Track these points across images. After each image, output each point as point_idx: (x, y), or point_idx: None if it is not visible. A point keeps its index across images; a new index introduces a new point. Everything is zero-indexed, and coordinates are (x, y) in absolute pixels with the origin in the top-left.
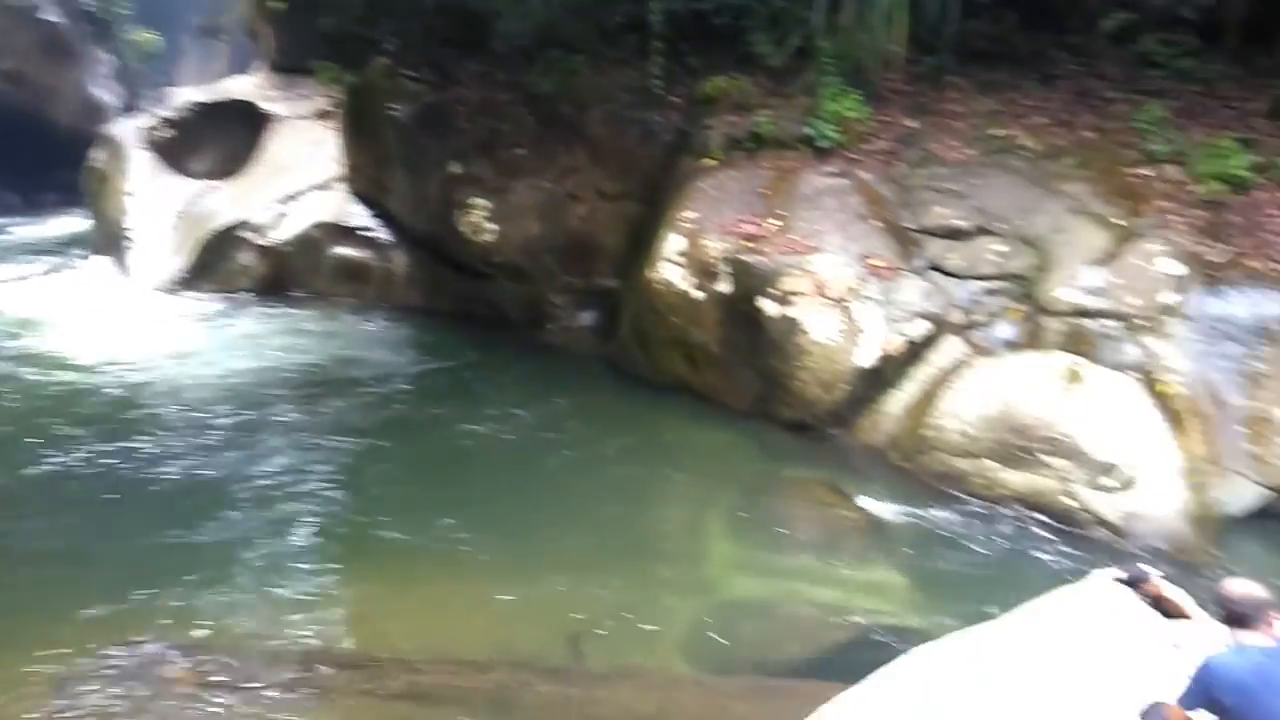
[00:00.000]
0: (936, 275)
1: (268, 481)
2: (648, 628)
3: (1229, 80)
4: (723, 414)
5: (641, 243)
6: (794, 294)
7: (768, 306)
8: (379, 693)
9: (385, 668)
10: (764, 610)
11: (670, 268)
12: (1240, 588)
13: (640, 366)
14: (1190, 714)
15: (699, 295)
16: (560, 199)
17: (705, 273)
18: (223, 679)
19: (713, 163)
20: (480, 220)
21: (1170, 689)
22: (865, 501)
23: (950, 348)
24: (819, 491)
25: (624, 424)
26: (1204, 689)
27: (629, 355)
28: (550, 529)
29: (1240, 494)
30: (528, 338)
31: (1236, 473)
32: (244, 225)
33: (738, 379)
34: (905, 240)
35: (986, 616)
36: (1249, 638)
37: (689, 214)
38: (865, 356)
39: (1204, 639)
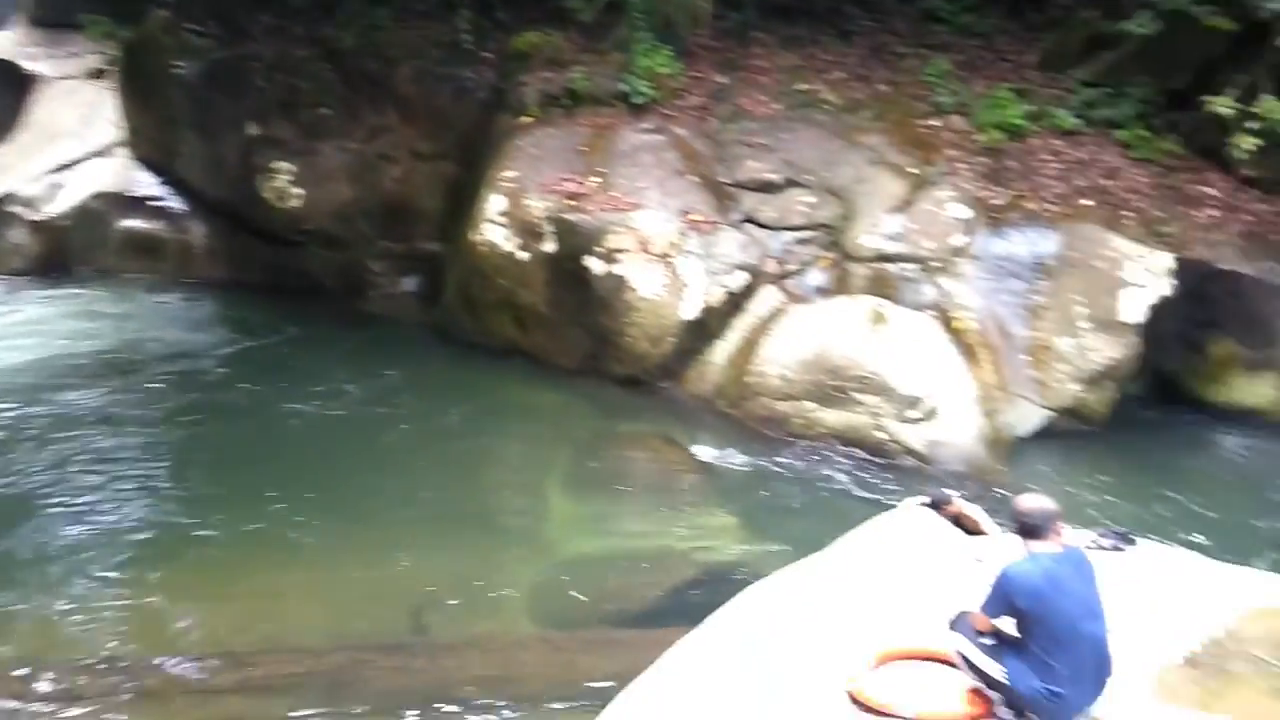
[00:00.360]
0: (751, 227)
1: (69, 482)
2: (493, 593)
3: (1005, 35)
4: (555, 374)
5: (462, 204)
6: (619, 251)
7: (594, 265)
8: (208, 691)
9: (213, 664)
10: (607, 563)
11: (493, 229)
12: (1030, 502)
13: (469, 331)
14: (993, 620)
15: (524, 256)
16: (371, 160)
17: (529, 233)
18: (43, 690)
19: (530, 120)
20: (285, 185)
21: (974, 599)
22: (697, 449)
23: (767, 297)
24: (653, 443)
25: (457, 392)
26: (1003, 596)
27: (457, 320)
28: (388, 506)
29: (1027, 416)
30: (348, 308)
31: (1023, 397)
32: (11, 199)
33: (568, 338)
34: (721, 194)
35: (813, 548)
36: (1040, 546)
37: (509, 173)
38: (689, 309)
39: (1001, 551)
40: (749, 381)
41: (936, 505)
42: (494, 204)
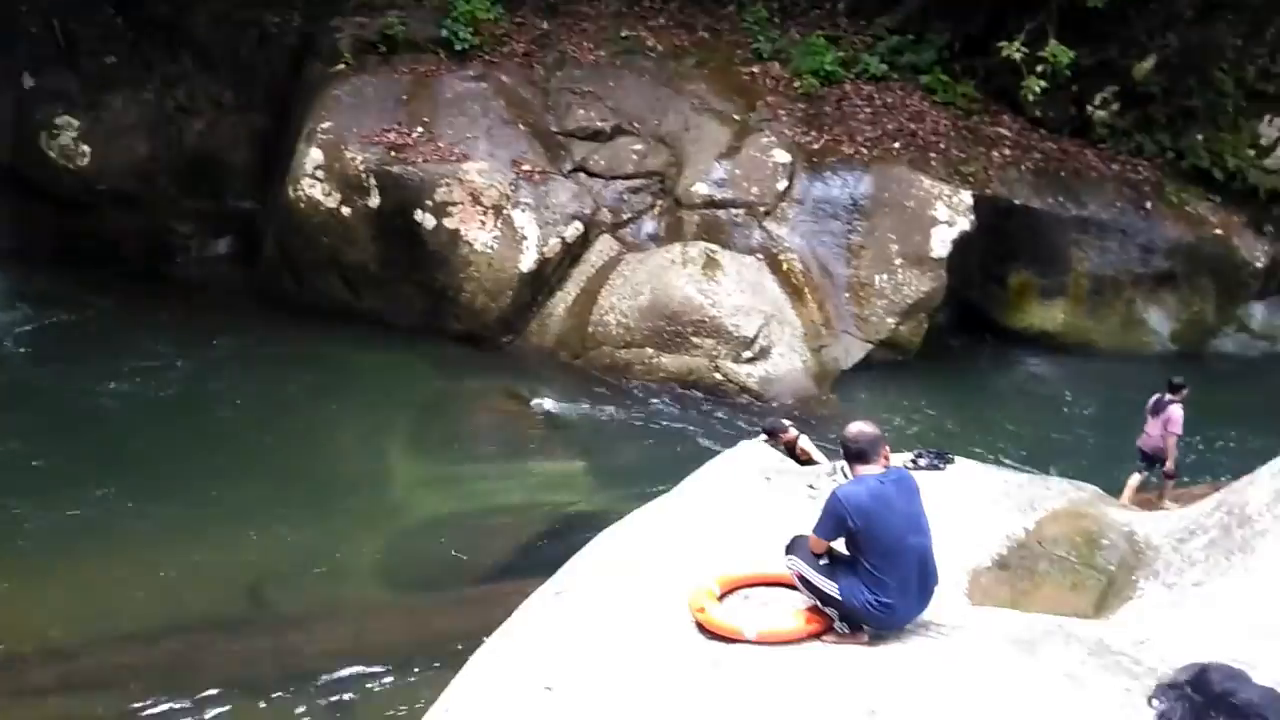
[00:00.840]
0: (584, 177)
1: None
2: (341, 563)
3: None
4: (392, 335)
5: (276, 158)
6: (450, 204)
7: (424, 219)
8: (26, 691)
9: (31, 662)
10: (458, 522)
11: (312, 184)
12: (856, 428)
13: (294, 294)
14: (827, 541)
15: (347, 212)
16: (170, 113)
17: (351, 187)
18: None
19: (344, 69)
20: (71, 142)
21: (809, 524)
22: (542, 402)
23: (603, 246)
24: (497, 399)
25: (291, 360)
26: (835, 517)
27: (280, 283)
28: (226, 485)
29: (850, 350)
30: (158, 274)
31: (846, 332)
32: None
33: (403, 297)
34: (551, 143)
35: (661, 489)
36: (867, 469)
37: (325, 124)
38: (526, 262)
39: (832, 477)
40: (590, 331)
41: (772, 434)
42: (311, 158)
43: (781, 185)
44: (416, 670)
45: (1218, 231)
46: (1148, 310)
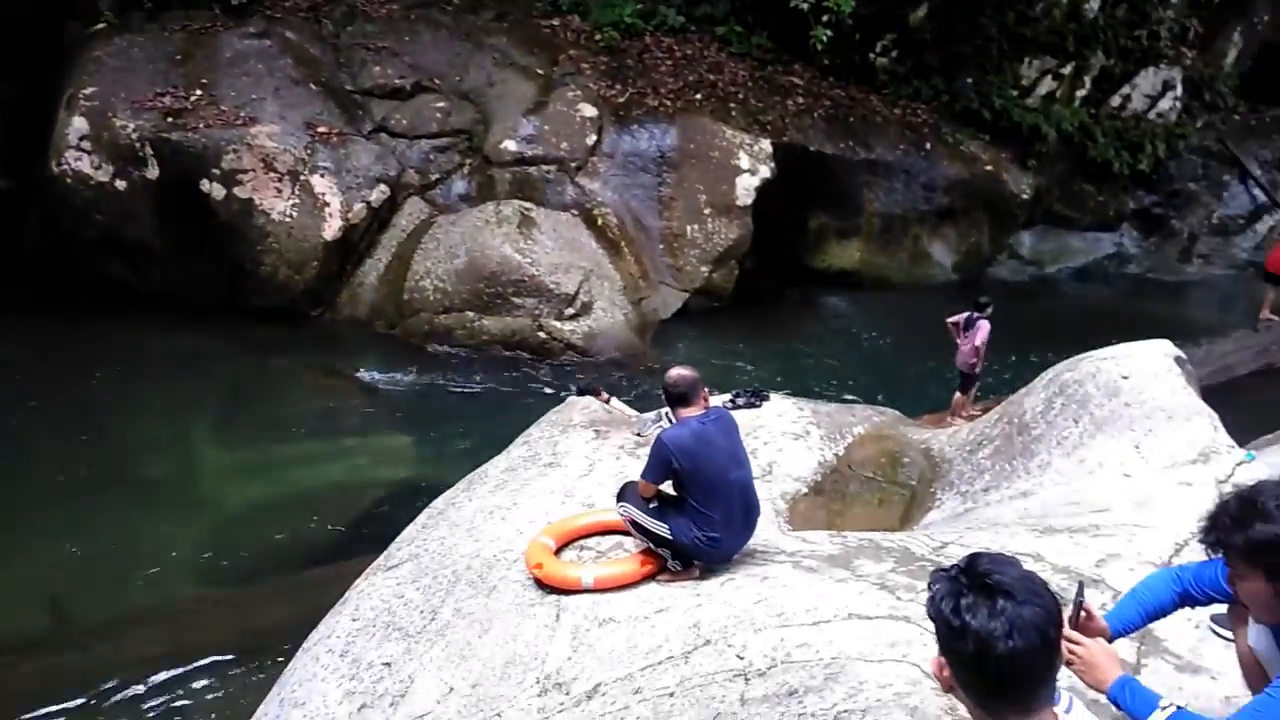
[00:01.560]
0: (385, 137)
1: None
2: (150, 565)
3: None
4: (188, 317)
5: (35, 130)
6: (239, 172)
7: (212, 189)
8: None
9: None
10: (279, 507)
11: (78, 156)
12: (676, 373)
13: (71, 280)
14: (656, 485)
15: (122, 185)
16: None
17: (125, 158)
18: None
19: (104, 27)
20: None
21: (637, 470)
22: (360, 375)
23: (412, 209)
24: (311, 375)
25: (77, 352)
26: (662, 461)
27: (51, 267)
28: (16, 496)
29: (668, 300)
30: None
31: (663, 283)
32: None
33: (197, 275)
34: (348, 103)
35: (492, 453)
36: (689, 411)
37: (88, 90)
38: (330, 230)
39: (658, 424)
40: (406, 299)
41: (587, 392)
42: (75, 127)
43: (591, 140)
44: (243, 666)
45: (988, 168)
46: (932, 244)
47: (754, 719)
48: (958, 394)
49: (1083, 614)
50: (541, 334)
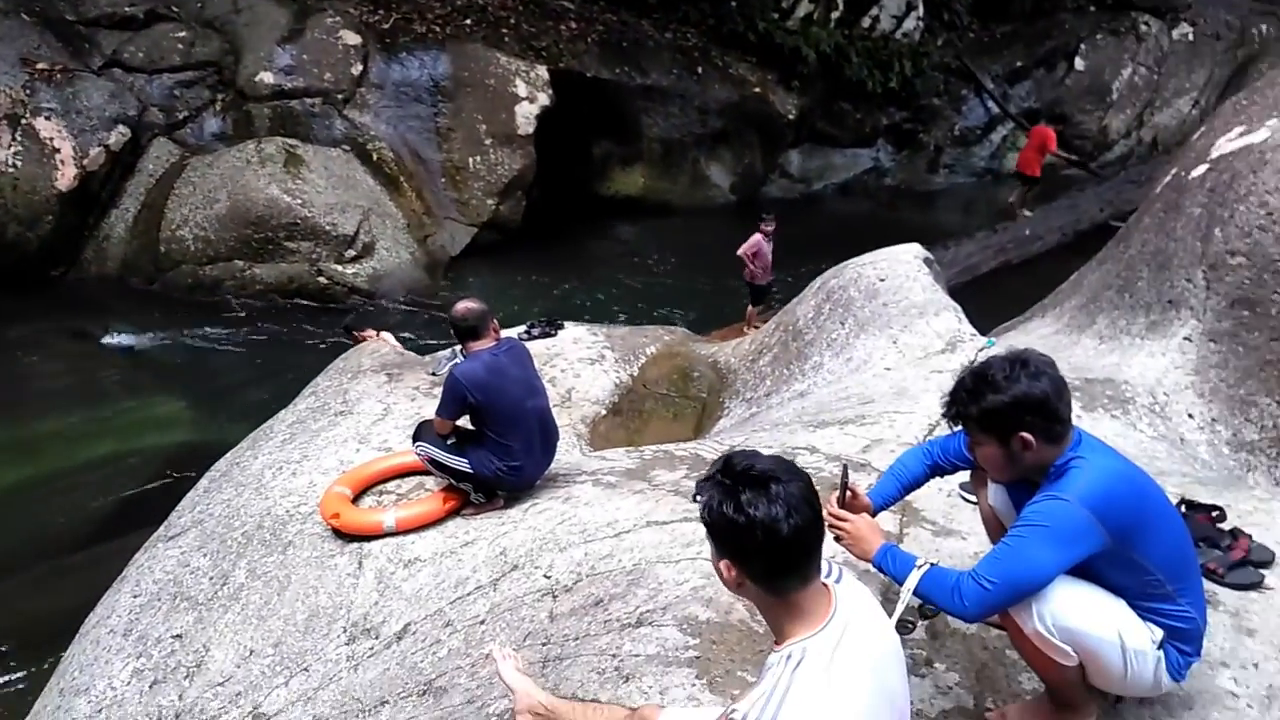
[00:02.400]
0: (120, 73)
1: None
2: None
3: None
4: None
5: None
6: None
7: None
8: None
9: None
10: (36, 490)
11: None
12: (464, 306)
13: None
14: (452, 421)
15: None
16: None
17: None
18: None
19: None
20: None
21: (431, 408)
22: (117, 338)
23: (160, 151)
24: (58, 342)
25: None
26: (456, 396)
27: None
28: None
29: (455, 236)
30: None
31: (449, 219)
32: None
33: None
34: (71, 35)
35: (275, 410)
36: (480, 345)
37: None
38: (64, 180)
39: (452, 361)
40: (163, 250)
41: (350, 330)
42: None
43: (356, 69)
44: (13, 663)
45: (757, 90)
46: (710, 167)
47: (563, 633)
48: (750, 307)
49: (848, 493)
50: (322, 279)
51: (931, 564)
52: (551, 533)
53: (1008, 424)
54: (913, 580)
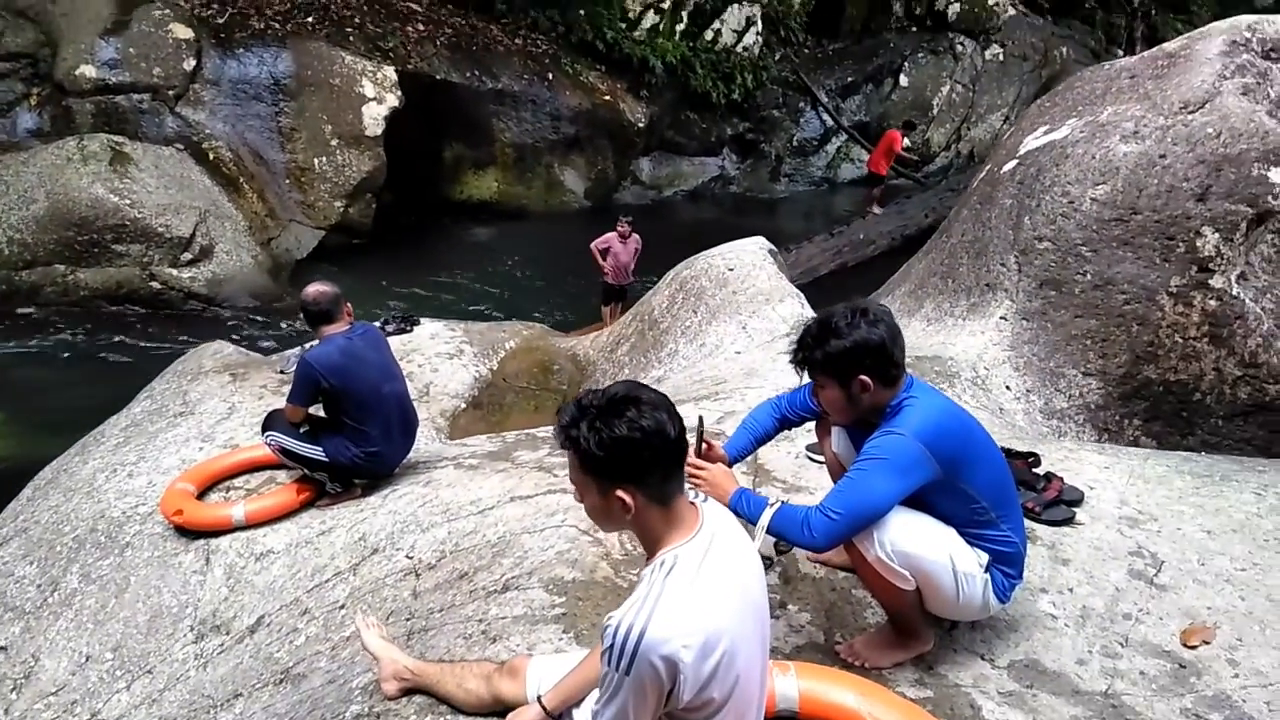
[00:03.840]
0: None
1: None
2: None
3: None
4: None
5: None
6: None
7: None
8: None
9: None
10: None
11: None
12: (315, 289)
13: None
14: (305, 408)
15: None
16: None
17: None
18: None
19: None
20: None
21: (280, 399)
22: None
23: None
24: None
25: None
26: (309, 381)
27: None
28: None
29: (301, 239)
30: None
31: (294, 221)
32: None
33: None
34: None
35: (103, 420)
36: (334, 329)
37: None
38: None
39: (301, 356)
40: None
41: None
42: None
43: (189, 65)
44: None
45: (607, 98)
46: (564, 172)
47: (427, 607)
48: (604, 307)
49: (704, 445)
50: (155, 284)
51: (782, 503)
52: (413, 515)
53: (848, 367)
54: (766, 517)
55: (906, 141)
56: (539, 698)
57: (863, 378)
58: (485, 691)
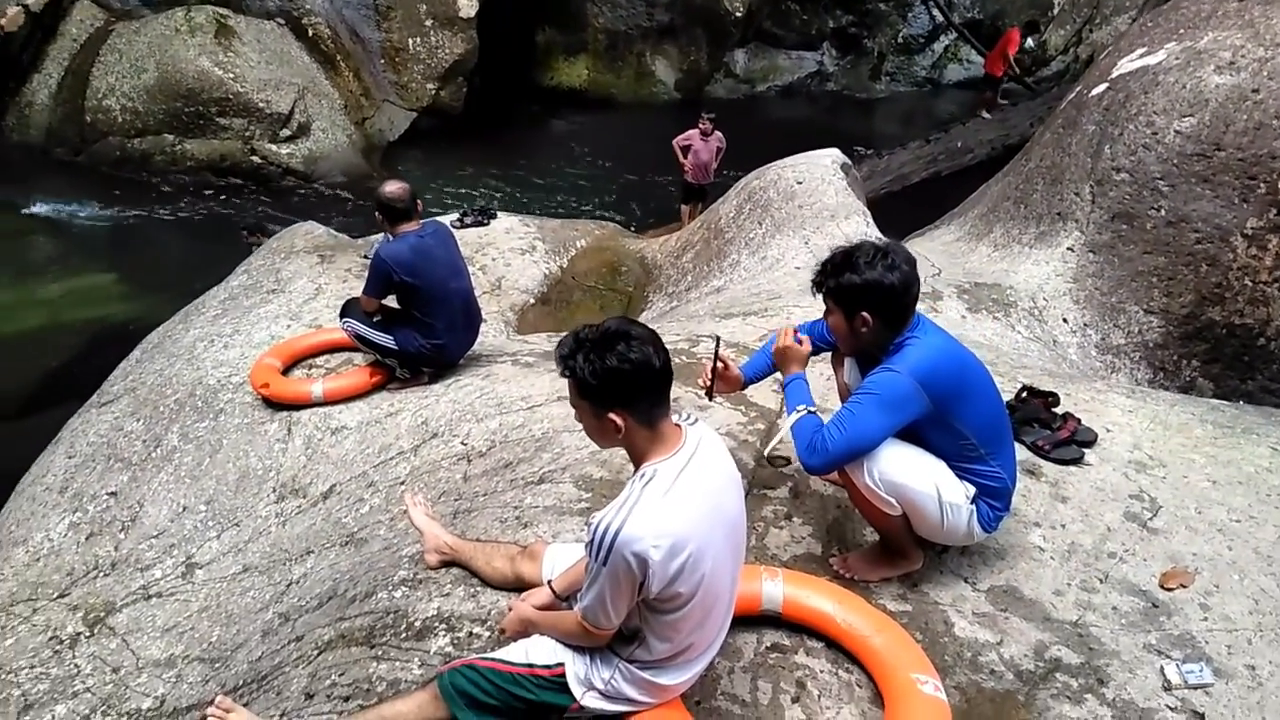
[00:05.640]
0: None
1: None
2: None
3: None
4: None
5: None
6: None
7: None
8: None
9: None
10: None
11: None
12: (393, 188)
13: None
14: (378, 299)
15: None
16: None
17: None
18: None
19: None
20: None
21: (359, 287)
22: (40, 209)
23: (84, 14)
24: None
25: None
26: (382, 275)
27: None
28: None
29: (394, 120)
30: None
31: (388, 101)
32: None
33: None
34: None
35: (206, 288)
36: (407, 226)
37: None
38: None
39: (378, 242)
40: (89, 120)
41: (251, 232)
42: None
43: None
44: None
45: None
46: (655, 62)
47: (473, 490)
48: (682, 205)
49: (720, 364)
50: (255, 158)
51: (812, 412)
52: (470, 405)
53: (856, 301)
54: (792, 419)
55: (1029, 43)
56: (549, 581)
57: (865, 314)
58: (509, 570)
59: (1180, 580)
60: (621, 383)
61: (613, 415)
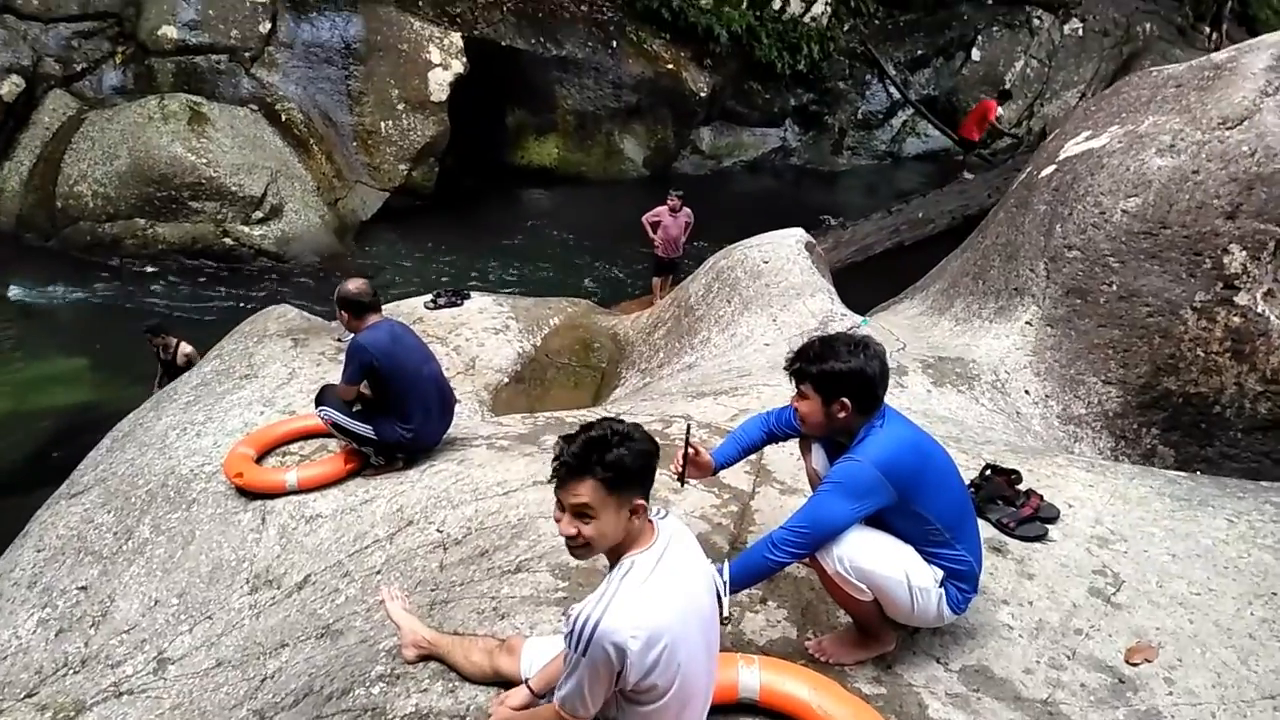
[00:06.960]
0: (13, 20)
1: None
2: None
3: None
4: None
5: None
6: None
7: None
8: None
9: None
10: None
11: None
12: (358, 285)
13: None
14: (355, 387)
15: None
16: None
17: None
18: None
19: None
20: None
21: (334, 375)
22: (12, 292)
23: (56, 104)
24: None
25: None
26: (361, 363)
27: None
28: None
29: (367, 200)
30: None
31: (360, 182)
32: None
33: None
34: None
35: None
36: (376, 317)
37: None
38: None
39: (341, 333)
40: (60, 206)
41: (153, 334)
42: None
43: (265, 27)
44: None
45: (670, 66)
46: (624, 140)
47: (450, 580)
48: (654, 279)
49: (691, 450)
50: (228, 240)
51: (726, 559)
52: (446, 491)
53: (836, 388)
54: (724, 577)
55: (1000, 112)
56: (527, 681)
57: (844, 400)
58: (487, 665)
59: (1145, 655)
60: (650, 468)
61: (640, 501)
